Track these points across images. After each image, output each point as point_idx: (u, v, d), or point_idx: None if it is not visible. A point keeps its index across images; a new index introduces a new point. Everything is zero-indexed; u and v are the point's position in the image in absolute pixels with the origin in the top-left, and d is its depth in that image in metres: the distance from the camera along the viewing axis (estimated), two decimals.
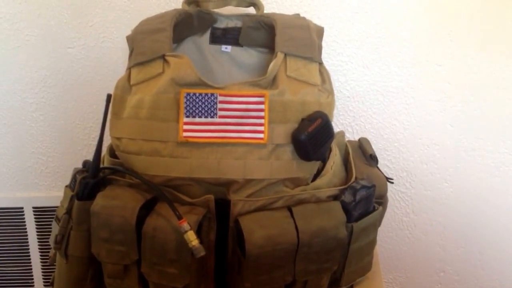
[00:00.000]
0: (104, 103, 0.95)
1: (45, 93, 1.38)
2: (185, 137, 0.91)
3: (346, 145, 1.09)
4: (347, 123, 1.35)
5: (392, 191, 1.37)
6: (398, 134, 1.37)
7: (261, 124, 0.91)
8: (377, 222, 1.01)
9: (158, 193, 0.92)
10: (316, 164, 0.97)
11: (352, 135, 1.35)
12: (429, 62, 1.30)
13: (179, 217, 0.88)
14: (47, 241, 1.47)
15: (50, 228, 1.03)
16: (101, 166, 0.98)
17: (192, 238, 0.87)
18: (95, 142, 0.95)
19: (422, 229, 1.43)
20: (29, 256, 1.49)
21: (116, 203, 0.91)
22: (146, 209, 0.91)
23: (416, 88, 1.33)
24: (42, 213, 1.46)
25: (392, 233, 1.41)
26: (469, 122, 1.34)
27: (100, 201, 0.92)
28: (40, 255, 1.49)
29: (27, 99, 1.39)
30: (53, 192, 1.46)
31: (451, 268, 1.45)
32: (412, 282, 1.47)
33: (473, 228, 1.42)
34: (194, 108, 0.91)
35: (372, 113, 1.35)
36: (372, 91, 1.33)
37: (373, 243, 1.03)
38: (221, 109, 0.91)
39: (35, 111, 1.40)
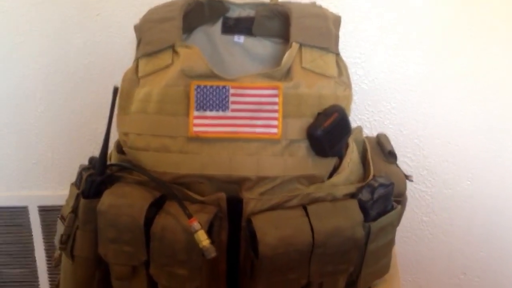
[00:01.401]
0: (111, 98, 0.92)
1: (49, 89, 1.37)
2: (195, 132, 0.88)
3: (364, 141, 1.06)
4: (365, 118, 1.32)
5: (411, 190, 1.35)
6: (419, 131, 1.34)
7: (274, 118, 0.88)
8: (396, 222, 0.98)
9: (167, 191, 0.89)
10: (333, 161, 0.94)
11: (370, 131, 1.33)
12: (451, 58, 1.28)
13: (189, 216, 0.85)
14: (53, 242, 1.42)
15: (56, 228, 1.01)
16: (108, 163, 0.95)
17: (202, 238, 0.84)
18: (101, 139, 0.93)
19: (443, 230, 1.40)
20: (34, 257, 1.48)
21: (124, 202, 0.88)
22: (155, 207, 0.89)
23: (437, 84, 1.30)
24: (48, 213, 1.45)
25: (411, 233, 1.39)
26: (491, 121, 1.32)
27: (107, 200, 0.89)
28: (46, 256, 1.48)
29: (31, 96, 1.38)
30: (59, 191, 1.44)
31: (472, 271, 1.43)
32: (432, 284, 1.44)
33: (495, 230, 1.39)
34: (205, 101, 0.88)
35: (391, 108, 1.32)
36: (392, 85, 1.31)
37: (391, 243, 0.99)
38: (233, 102, 0.88)
39: (39, 108, 1.39)
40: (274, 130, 0.88)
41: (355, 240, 0.89)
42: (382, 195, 0.92)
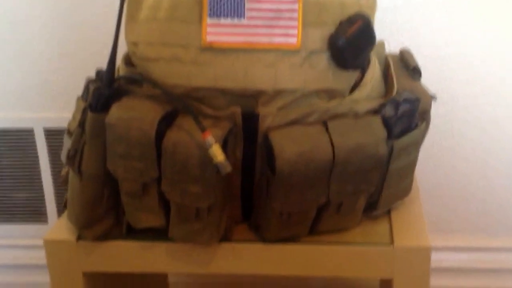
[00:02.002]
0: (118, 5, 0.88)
1: (53, 6, 1.33)
2: (209, 41, 0.83)
3: (386, 57, 1.01)
4: (384, 37, 1.26)
5: (431, 114, 1.31)
6: (441, 51, 1.29)
7: (294, 27, 0.83)
8: (420, 141, 0.94)
9: (180, 103, 0.85)
10: (354, 74, 0.89)
11: (388, 51, 1.26)
12: None
13: (203, 130, 0.81)
14: (59, 164, 1.41)
15: (62, 150, 0.97)
16: (116, 76, 0.91)
17: (217, 153, 0.81)
18: (107, 60, 0.90)
19: (463, 155, 1.37)
20: (40, 180, 1.47)
21: (134, 115, 0.85)
22: (166, 122, 0.85)
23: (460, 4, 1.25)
24: (54, 135, 1.43)
25: (430, 159, 1.37)
26: None
27: (116, 113, 0.86)
28: (52, 179, 1.47)
29: (34, 13, 1.34)
30: (65, 113, 1.40)
31: (492, 198, 1.40)
32: (451, 212, 1.42)
33: None
34: (218, 7, 0.83)
35: (411, 27, 1.27)
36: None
37: (413, 164, 0.96)
38: (249, 9, 0.83)
39: (43, 26, 1.35)
40: (293, 40, 0.83)
41: (377, 158, 0.86)
42: (406, 111, 0.88)
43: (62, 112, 1.42)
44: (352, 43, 0.83)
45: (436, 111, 1.23)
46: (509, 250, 1.42)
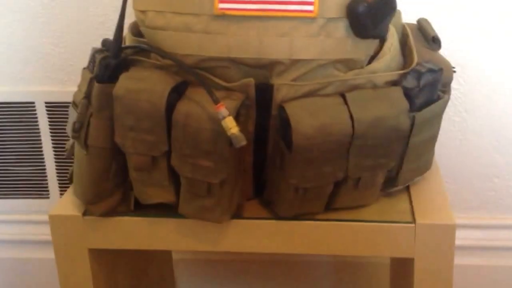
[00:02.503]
0: None
1: None
2: (221, 9, 0.80)
3: (404, 26, 0.98)
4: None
5: None
6: (454, 19, 1.25)
7: None
8: (441, 114, 0.92)
9: (191, 73, 0.82)
10: (374, 44, 0.86)
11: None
12: None
13: (216, 101, 0.79)
14: (61, 139, 1.42)
15: (65, 125, 0.97)
16: (124, 45, 0.89)
17: (231, 125, 0.78)
18: (112, 32, 0.87)
19: (475, 130, 1.35)
20: (42, 154, 1.45)
21: (142, 86, 0.82)
22: (176, 94, 0.82)
23: None
24: (56, 109, 1.41)
25: (441, 135, 1.31)
26: None
27: (124, 84, 0.83)
28: (54, 153, 1.45)
29: None
30: (67, 87, 1.39)
31: (506, 174, 1.38)
32: (463, 189, 1.40)
33: None
34: None
35: None
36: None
37: (435, 138, 0.94)
38: None
39: None
40: (310, 7, 0.80)
41: (399, 131, 0.83)
42: (429, 82, 0.85)
43: (64, 86, 1.40)
44: (372, 10, 0.80)
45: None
46: None
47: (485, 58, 1.30)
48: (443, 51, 1.07)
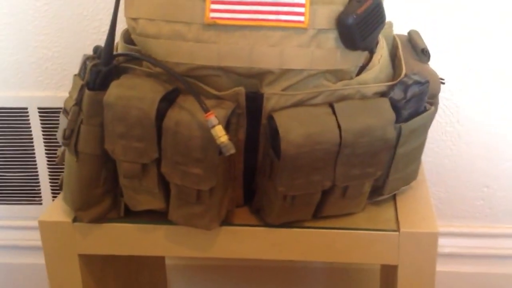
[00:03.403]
0: None
1: None
2: (212, 18, 0.81)
3: (394, 38, 0.99)
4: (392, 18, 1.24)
5: None
6: (448, 30, 1.26)
7: (301, 5, 0.80)
8: (428, 125, 0.93)
9: (182, 82, 0.83)
10: (363, 55, 0.87)
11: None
12: None
13: (206, 110, 0.79)
14: (54, 145, 1.42)
15: (57, 130, 0.96)
16: (115, 53, 0.89)
17: (220, 134, 0.79)
18: (105, 36, 0.87)
19: (467, 140, 1.36)
20: (34, 160, 1.45)
21: (133, 94, 0.83)
22: (167, 102, 0.83)
23: None
24: (49, 115, 1.41)
25: (433, 144, 1.35)
26: None
27: (115, 91, 0.84)
28: (47, 159, 1.45)
29: None
30: (60, 92, 1.39)
31: (496, 184, 1.39)
32: (453, 197, 1.41)
33: None
34: None
35: (419, 8, 1.24)
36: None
37: (421, 148, 0.94)
38: None
39: (38, 2, 1.32)
40: (301, 18, 0.81)
41: (385, 141, 0.84)
42: (416, 94, 0.86)
43: (57, 91, 1.40)
44: (361, 22, 0.81)
45: (441, 94, 1.21)
46: (511, 236, 1.42)
47: (477, 71, 1.31)
48: (439, 61, 1.09)
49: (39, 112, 1.40)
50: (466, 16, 1.27)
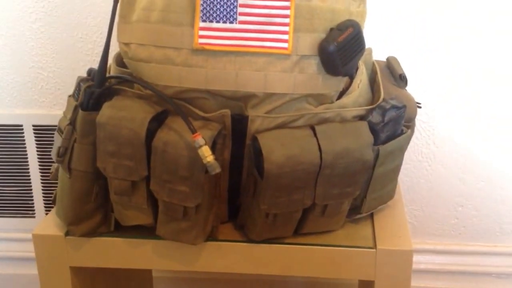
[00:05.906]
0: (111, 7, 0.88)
1: (45, 2, 1.32)
2: (200, 43, 0.84)
3: (373, 64, 1.02)
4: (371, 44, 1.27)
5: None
6: (424, 60, 1.29)
7: (285, 32, 0.84)
8: (405, 147, 0.96)
9: (170, 104, 0.86)
10: (343, 81, 0.90)
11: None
12: None
13: (193, 131, 0.82)
14: (48, 161, 1.44)
15: (51, 147, 0.99)
16: (108, 75, 0.91)
17: (206, 154, 0.81)
18: (99, 58, 0.90)
19: (442, 162, 1.38)
20: (29, 176, 1.46)
21: (124, 115, 0.85)
22: (156, 122, 0.86)
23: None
24: (43, 132, 1.42)
25: (410, 164, 1.37)
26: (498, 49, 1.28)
27: (107, 112, 0.86)
28: (41, 175, 1.46)
29: (26, 8, 1.33)
30: (54, 110, 1.41)
31: (470, 203, 1.42)
32: (428, 216, 1.44)
33: (496, 161, 1.37)
34: (211, 12, 0.83)
35: (397, 35, 1.27)
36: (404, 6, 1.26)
37: (397, 169, 0.97)
38: (241, 14, 0.83)
39: (34, 21, 1.34)
40: (285, 45, 0.84)
41: (363, 162, 0.87)
42: (393, 117, 0.89)
43: (52, 109, 1.41)
44: (342, 49, 0.84)
45: (418, 117, 1.24)
46: (484, 254, 1.45)
47: (452, 93, 1.33)
48: (417, 86, 1.10)
49: (34, 130, 1.41)
50: (456, 15, 1.29)
